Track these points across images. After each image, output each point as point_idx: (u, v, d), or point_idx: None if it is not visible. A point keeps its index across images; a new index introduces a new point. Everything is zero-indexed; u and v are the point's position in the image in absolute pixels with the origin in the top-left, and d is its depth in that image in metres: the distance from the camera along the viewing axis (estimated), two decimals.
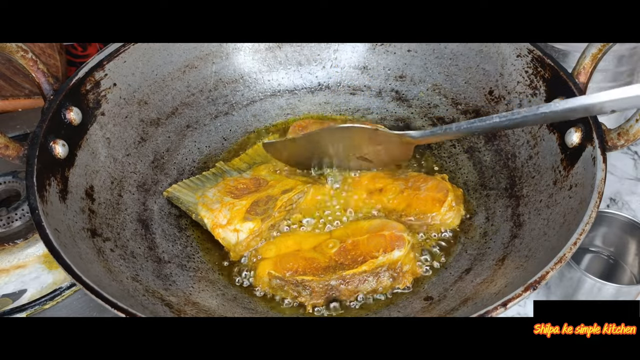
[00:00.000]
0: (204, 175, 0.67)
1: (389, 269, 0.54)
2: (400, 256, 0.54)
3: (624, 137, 0.51)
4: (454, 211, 0.60)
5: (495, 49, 0.65)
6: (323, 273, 0.54)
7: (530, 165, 0.60)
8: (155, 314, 0.49)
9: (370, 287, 0.54)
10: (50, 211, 0.51)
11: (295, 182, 0.63)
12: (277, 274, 0.54)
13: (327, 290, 0.54)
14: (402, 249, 0.54)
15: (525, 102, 0.62)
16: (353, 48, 0.75)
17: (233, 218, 0.59)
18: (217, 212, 0.60)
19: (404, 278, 0.55)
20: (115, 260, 0.54)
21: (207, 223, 0.59)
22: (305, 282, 0.54)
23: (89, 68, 0.61)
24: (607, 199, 0.75)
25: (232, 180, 0.64)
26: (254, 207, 0.60)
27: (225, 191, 0.62)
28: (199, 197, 0.62)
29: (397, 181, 0.63)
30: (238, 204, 0.60)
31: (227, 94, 0.74)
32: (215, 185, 0.64)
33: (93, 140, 0.60)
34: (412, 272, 0.56)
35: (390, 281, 0.55)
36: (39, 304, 0.60)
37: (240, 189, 0.63)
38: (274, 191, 0.62)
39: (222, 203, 0.60)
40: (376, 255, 0.54)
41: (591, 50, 0.55)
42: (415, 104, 0.72)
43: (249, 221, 0.59)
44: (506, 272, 0.52)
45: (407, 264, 0.55)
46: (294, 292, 0.54)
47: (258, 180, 0.64)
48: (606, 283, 0.57)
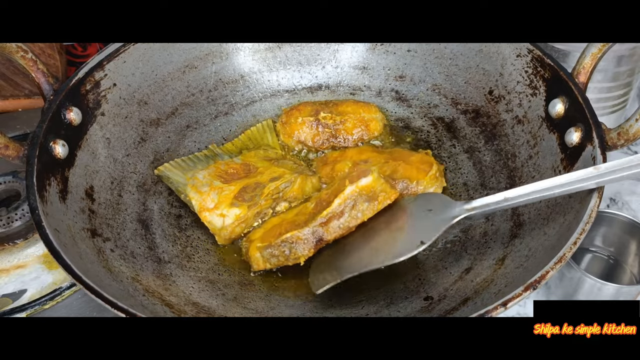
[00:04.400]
0: (196, 155, 0.67)
1: (362, 195, 0.55)
2: (369, 182, 0.55)
3: (623, 136, 0.51)
4: (438, 182, 0.62)
5: (495, 49, 0.65)
6: (304, 225, 0.55)
7: (530, 165, 0.60)
8: (155, 314, 0.49)
9: (351, 217, 0.55)
10: (50, 211, 0.51)
11: (283, 171, 0.63)
12: (265, 244, 0.56)
13: (313, 237, 0.55)
14: (369, 177, 0.55)
15: (525, 102, 0.62)
16: (353, 48, 0.75)
17: (220, 203, 0.60)
18: (205, 195, 0.60)
19: (382, 197, 0.55)
20: (115, 260, 0.54)
21: (195, 205, 0.60)
22: (290, 238, 0.55)
23: (89, 68, 0.61)
24: (607, 199, 0.75)
25: (223, 164, 0.65)
26: (242, 193, 0.61)
27: (216, 175, 0.63)
28: (189, 178, 0.62)
29: (382, 154, 0.65)
30: (227, 189, 0.61)
31: (227, 94, 0.74)
32: (206, 168, 0.64)
33: (93, 141, 0.60)
34: (386, 191, 0.55)
35: (367, 204, 0.55)
36: (39, 304, 0.60)
37: (230, 173, 0.63)
38: (263, 178, 0.62)
39: (211, 186, 0.61)
40: (344, 188, 0.55)
41: (591, 50, 0.55)
42: (415, 104, 0.72)
43: (235, 207, 0.60)
44: (506, 272, 0.52)
45: (378, 187, 0.55)
46: (286, 253, 0.56)
47: (248, 166, 0.64)
48: (606, 283, 0.57)
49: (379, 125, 0.69)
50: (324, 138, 0.69)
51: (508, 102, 0.64)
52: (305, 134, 0.69)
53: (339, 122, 0.69)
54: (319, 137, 0.69)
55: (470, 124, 0.68)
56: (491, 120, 0.66)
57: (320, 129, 0.69)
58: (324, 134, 0.69)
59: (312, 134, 0.69)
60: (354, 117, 0.69)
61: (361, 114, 0.69)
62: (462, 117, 0.69)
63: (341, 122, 0.69)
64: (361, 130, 0.69)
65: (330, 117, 0.69)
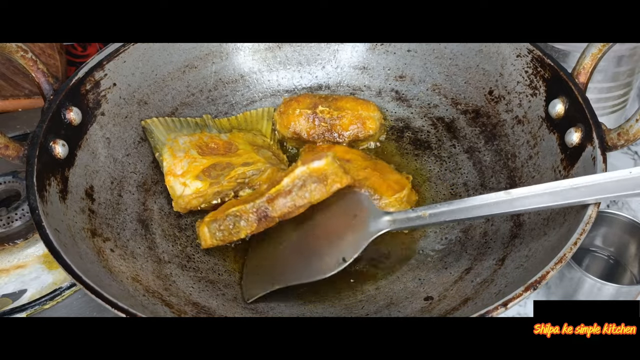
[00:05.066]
0: (187, 120, 0.68)
1: (312, 176, 0.54)
2: (321, 165, 0.54)
3: (624, 137, 0.51)
4: (402, 205, 0.60)
5: (495, 49, 0.65)
6: (252, 201, 0.56)
7: (530, 165, 0.60)
8: (156, 314, 0.49)
9: (299, 197, 0.54)
10: (50, 211, 0.51)
11: (259, 159, 0.64)
12: (211, 219, 0.56)
13: (258, 213, 0.55)
14: (322, 160, 0.54)
15: (525, 102, 0.62)
16: (353, 48, 0.75)
17: (187, 172, 0.61)
18: (177, 161, 0.61)
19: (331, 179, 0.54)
20: (115, 260, 0.54)
21: (165, 167, 0.61)
22: (235, 212, 0.55)
23: (89, 68, 0.61)
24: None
25: (207, 136, 0.65)
26: (210, 170, 0.61)
27: (196, 144, 0.64)
28: (170, 139, 0.63)
29: (366, 160, 0.65)
30: (199, 161, 0.62)
31: (227, 94, 0.74)
32: (190, 134, 0.65)
33: (93, 140, 0.60)
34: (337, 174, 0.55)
35: (316, 185, 0.54)
36: (39, 304, 0.60)
37: (211, 147, 0.64)
38: (236, 161, 0.63)
39: (186, 154, 0.62)
40: (295, 168, 0.55)
41: (591, 50, 0.55)
42: (415, 104, 0.72)
43: (199, 180, 0.60)
44: (506, 272, 0.52)
45: (330, 171, 0.54)
46: (230, 228, 0.56)
47: (230, 145, 0.65)
48: (606, 283, 0.57)
49: (375, 124, 0.69)
50: (319, 132, 0.69)
51: (508, 102, 0.64)
52: (301, 126, 0.69)
53: (335, 118, 0.69)
54: (314, 131, 0.69)
55: (470, 124, 0.68)
56: (491, 120, 0.66)
57: (317, 122, 0.69)
58: (320, 128, 0.69)
59: (307, 126, 0.69)
60: (351, 113, 0.69)
61: (359, 111, 0.69)
62: (462, 117, 0.69)
63: (338, 118, 0.69)
64: (357, 127, 0.69)
65: (327, 112, 0.69)
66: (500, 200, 0.49)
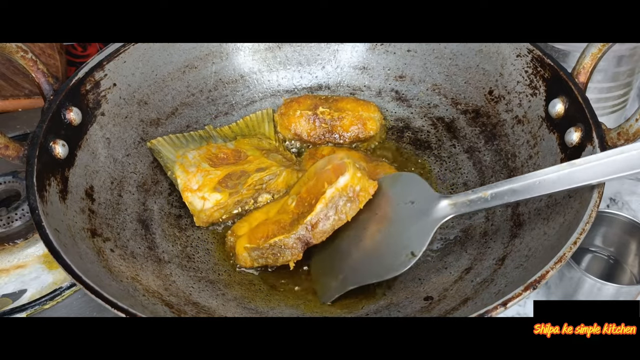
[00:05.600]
0: (191, 134, 0.68)
1: (342, 196, 0.55)
2: (347, 181, 0.54)
3: (623, 136, 0.51)
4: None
5: (495, 49, 0.65)
6: (290, 228, 0.55)
7: (530, 165, 0.60)
8: (155, 314, 0.49)
9: (335, 220, 0.55)
10: (50, 211, 0.51)
11: (271, 163, 0.64)
12: (253, 245, 0.56)
13: (300, 241, 0.55)
14: (346, 175, 0.54)
15: (525, 101, 0.62)
16: (353, 48, 0.75)
17: (204, 185, 0.60)
18: (191, 176, 0.61)
19: (362, 196, 0.55)
20: (115, 260, 0.54)
21: (180, 184, 0.61)
22: (278, 243, 0.55)
23: (89, 68, 0.61)
24: (607, 199, 0.75)
25: (214, 147, 0.65)
26: (226, 180, 0.61)
27: (205, 157, 0.63)
28: (179, 156, 0.63)
29: (368, 162, 0.65)
30: (212, 173, 0.61)
31: (227, 94, 0.74)
32: (197, 148, 0.65)
33: (93, 141, 0.60)
34: (365, 188, 0.55)
35: (349, 205, 0.55)
36: (39, 304, 0.60)
37: (220, 158, 0.64)
38: (250, 167, 0.63)
39: (198, 168, 0.62)
40: (324, 190, 0.55)
41: (591, 50, 0.55)
42: (415, 104, 0.72)
43: (217, 192, 0.60)
44: (506, 271, 0.52)
45: (357, 184, 0.55)
46: (274, 256, 0.56)
47: (239, 152, 0.65)
48: (606, 283, 0.57)
49: (375, 125, 0.69)
50: (320, 133, 0.69)
51: (508, 102, 0.64)
52: (302, 127, 0.69)
53: (336, 119, 0.69)
54: (315, 132, 0.69)
55: (470, 124, 0.68)
56: (491, 120, 0.66)
57: (317, 123, 0.69)
58: (321, 129, 0.69)
59: (308, 127, 0.69)
60: (352, 114, 0.69)
61: (359, 112, 0.69)
62: (462, 117, 0.69)
63: (339, 119, 0.69)
64: (358, 128, 0.69)
65: (328, 113, 0.69)
66: (564, 174, 0.47)
